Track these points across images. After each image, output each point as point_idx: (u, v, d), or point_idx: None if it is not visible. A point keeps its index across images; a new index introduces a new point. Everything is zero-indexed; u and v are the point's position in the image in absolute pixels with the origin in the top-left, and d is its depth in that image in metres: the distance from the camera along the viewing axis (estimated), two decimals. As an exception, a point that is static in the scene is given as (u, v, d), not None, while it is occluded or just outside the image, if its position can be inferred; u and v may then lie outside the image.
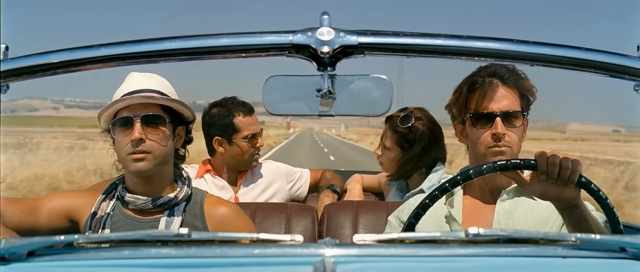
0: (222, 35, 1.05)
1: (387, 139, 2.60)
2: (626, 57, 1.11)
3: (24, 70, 1.10)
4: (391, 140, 2.58)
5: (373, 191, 2.94)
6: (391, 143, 2.58)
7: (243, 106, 2.69)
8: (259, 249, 1.01)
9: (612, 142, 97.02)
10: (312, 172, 2.95)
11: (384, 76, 1.12)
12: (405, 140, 2.54)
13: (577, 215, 1.43)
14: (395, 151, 2.57)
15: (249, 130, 2.67)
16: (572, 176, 1.38)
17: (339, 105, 1.11)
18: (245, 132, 2.65)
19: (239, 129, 2.65)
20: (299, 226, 2.29)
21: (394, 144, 2.57)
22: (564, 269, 1.03)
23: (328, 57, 1.03)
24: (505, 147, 1.64)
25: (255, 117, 2.74)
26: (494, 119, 1.65)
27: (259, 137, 2.72)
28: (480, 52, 1.07)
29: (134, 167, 1.69)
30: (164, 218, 1.73)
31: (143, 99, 1.71)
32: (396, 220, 1.87)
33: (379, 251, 1.02)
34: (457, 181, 1.47)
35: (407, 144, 2.54)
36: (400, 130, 2.54)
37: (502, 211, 1.68)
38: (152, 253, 1.01)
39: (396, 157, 2.58)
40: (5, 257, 1.01)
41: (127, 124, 1.69)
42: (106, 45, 1.08)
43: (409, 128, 2.52)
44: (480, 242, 1.05)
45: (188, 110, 1.81)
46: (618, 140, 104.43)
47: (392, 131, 2.57)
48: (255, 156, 2.73)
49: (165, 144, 1.73)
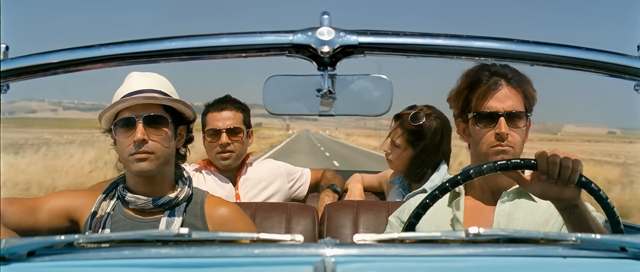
0: (222, 35, 1.05)
1: (397, 137, 2.60)
2: (626, 57, 1.11)
3: (24, 70, 1.10)
4: (402, 138, 2.58)
5: (373, 190, 2.94)
6: (402, 140, 2.58)
7: (220, 102, 2.66)
8: (259, 249, 1.00)
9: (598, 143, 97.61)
10: (313, 171, 2.95)
11: (384, 76, 1.12)
12: (416, 137, 2.55)
13: (577, 215, 1.43)
14: (405, 148, 2.58)
15: (212, 125, 2.62)
16: (572, 176, 1.38)
17: (339, 105, 1.11)
18: (208, 126, 2.63)
19: (205, 124, 2.65)
20: (300, 226, 2.29)
21: (404, 141, 2.57)
22: (564, 269, 1.03)
23: (328, 57, 1.03)
24: (508, 147, 1.64)
25: (227, 114, 2.63)
26: (498, 118, 1.64)
27: (222, 134, 2.59)
28: (480, 52, 1.06)
29: (137, 167, 1.69)
30: (165, 218, 1.73)
31: (145, 100, 1.70)
32: (396, 220, 1.86)
33: (380, 250, 1.02)
34: (458, 180, 1.47)
35: (418, 142, 2.56)
36: (411, 128, 2.55)
37: (502, 212, 1.68)
38: (153, 253, 1.01)
39: (407, 155, 2.59)
40: (6, 257, 1.00)
41: (129, 125, 1.69)
42: (106, 45, 1.08)
43: (420, 125, 2.53)
44: (480, 242, 1.05)
45: (189, 109, 1.81)
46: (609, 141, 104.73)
47: (402, 129, 2.58)
48: (221, 155, 2.61)
49: (168, 144, 1.73)
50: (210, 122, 2.64)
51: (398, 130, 2.60)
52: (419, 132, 2.54)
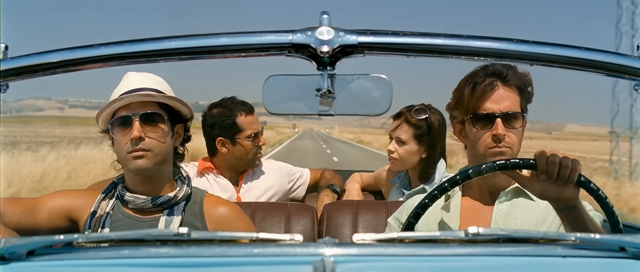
0: (222, 35, 1.05)
1: (403, 133, 2.59)
2: (626, 57, 1.11)
3: (23, 70, 1.10)
4: (408, 134, 2.58)
5: (371, 189, 2.94)
6: (408, 136, 2.58)
7: (244, 105, 2.69)
8: (258, 249, 1.01)
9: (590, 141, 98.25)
10: (312, 171, 2.96)
11: (383, 76, 1.12)
12: (422, 132, 2.56)
13: (575, 216, 1.43)
14: (412, 144, 2.59)
15: (252, 129, 2.67)
16: (571, 175, 1.38)
17: (339, 104, 1.11)
18: (248, 131, 2.66)
19: (242, 129, 2.65)
20: (299, 226, 2.29)
21: (411, 137, 2.58)
22: (564, 268, 1.03)
23: (328, 57, 1.03)
24: (506, 148, 1.64)
25: (256, 116, 2.74)
26: (495, 119, 1.64)
27: (260, 136, 2.72)
28: (480, 52, 1.06)
29: (134, 165, 1.69)
30: (164, 217, 1.73)
31: (142, 97, 1.71)
32: (395, 222, 1.86)
33: (379, 250, 1.02)
34: (456, 180, 1.47)
35: (425, 137, 2.57)
36: (417, 123, 2.55)
37: (500, 212, 1.68)
38: (152, 252, 1.01)
39: (414, 151, 2.59)
40: (5, 257, 1.00)
41: (126, 123, 1.69)
42: (106, 45, 1.08)
43: (425, 119, 2.54)
44: (479, 241, 1.05)
45: (186, 107, 1.81)
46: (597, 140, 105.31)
47: (408, 125, 2.58)
48: (258, 155, 2.74)
49: (165, 141, 1.73)
50: (250, 126, 2.67)
51: (404, 126, 2.59)
52: (425, 126, 2.56)
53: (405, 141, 2.59)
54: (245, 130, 2.66)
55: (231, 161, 2.70)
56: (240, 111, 2.66)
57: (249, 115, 2.68)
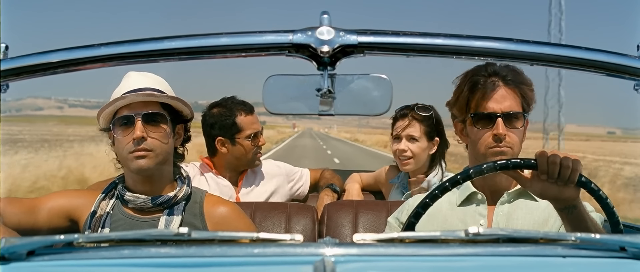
0: (222, 35, 1.05)
1: (415, 131, 2.58)
2: (626, 57, 1.11)
3: (23, 70, 1.10)
4: (420, 130, 2.58)
5: (371, 189, 2.94)
6: (420, 133, 2.58)
7: (244, 105, 2.69)
8: (258, 249, 1.00)
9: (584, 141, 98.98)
10: (312, 171, 2.96)
11: (384, 76, 1.12)
12: (431, 128, 2.59)
13: (576, 216, 1.42)
14: (424, 140, 2.59)
15: (252, 129, 2.67)
16: (572, 175, 1.37)
17: (339, 104, 1.11)
18: (248, 131, 2.66)
19: (242, 128, 2.65)
20: (299, 226, 2.29)
21: (423, 133, 2.58)
22: (564, 268, 1.03)
23: (328, 57, 1.03)
24: (507, 148, 1.64)
25: (256, 116, 2.74)
26: (495, 119, 1.64)
27: (260, 136, 2.72)
28: (480, 52, 1.06)
29: (136, 165, 1.69)
30: (164, 217, 1.73)
31: (144, 97, 1.71)
32: (395, 221, 1.86)
33: (379, 250, 1.02)
34: (458, 180, 1.46)
35: (435, 133, 2.60)
36: (425, 120, 2.56)
37: (501, 213, 1.68)
38: (152, 252, 1.01)
39: (425, 147, 2.60)
40: (5, 257, 1.00)
41: (128, 123, 1.69)
42: (106, 45, 1.08)
43: (431, 117, 2.57)
44: (480, 241, 1.05)
45: (187, 108, 1.81)
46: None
47: (417, 122, 2.58)
48: (258, 155, 2.74)
49: (166, 141, 1.73)
50: (249, 126, 2.67)
51: (414, 123, 2.58)
52: (432, 121, 2.58)
53: (417, 138, 2.58)
54: (245, 130, 2.66)
55: (231, 161, 2.70)
56: (240, 111, 2.66)
57: (248, 115, 2.68)
